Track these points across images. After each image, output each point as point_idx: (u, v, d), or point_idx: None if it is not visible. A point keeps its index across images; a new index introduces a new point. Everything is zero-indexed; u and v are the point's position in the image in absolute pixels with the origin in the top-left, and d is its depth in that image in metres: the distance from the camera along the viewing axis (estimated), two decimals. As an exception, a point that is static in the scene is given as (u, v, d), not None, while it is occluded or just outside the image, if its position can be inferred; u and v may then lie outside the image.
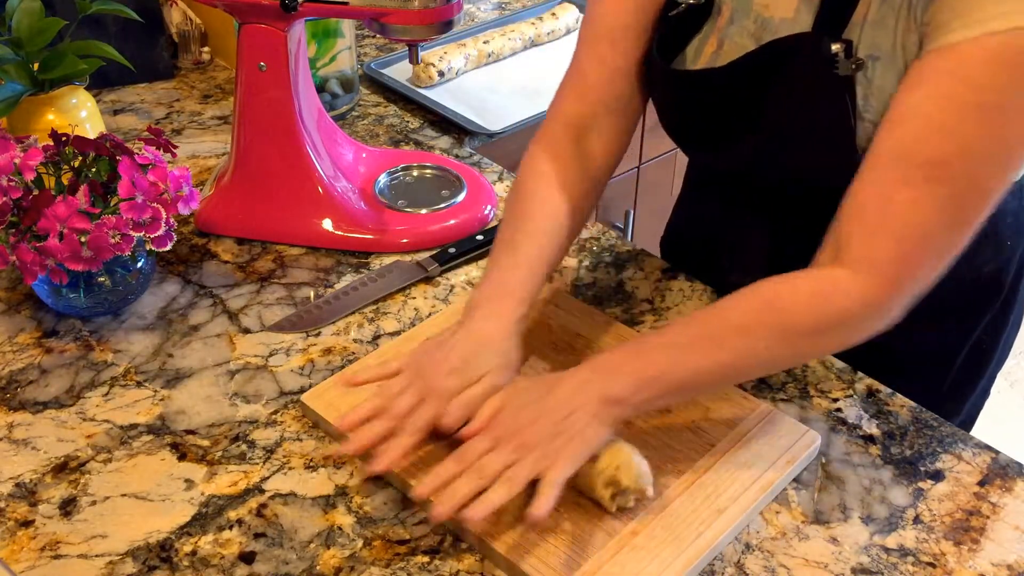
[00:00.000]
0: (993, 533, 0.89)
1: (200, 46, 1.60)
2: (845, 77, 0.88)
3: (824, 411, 1.00)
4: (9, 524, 0.88)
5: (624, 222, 1.88)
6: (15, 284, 1.14)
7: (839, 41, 0.88)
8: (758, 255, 1.10)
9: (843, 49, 0.88)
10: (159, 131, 1.08)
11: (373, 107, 1.51)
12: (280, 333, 1.09)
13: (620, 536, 0.85)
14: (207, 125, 1.46)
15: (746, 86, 0.95)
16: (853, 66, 0.88)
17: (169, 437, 0.96)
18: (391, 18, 1.09)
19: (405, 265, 1.18)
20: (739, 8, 0.96)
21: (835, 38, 0.88)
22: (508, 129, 1.48)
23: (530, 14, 1.78)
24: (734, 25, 0.97)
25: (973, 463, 0.95)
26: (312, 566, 0.85)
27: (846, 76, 0.88)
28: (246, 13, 1.12)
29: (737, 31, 0.97)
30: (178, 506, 0.90)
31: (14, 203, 0.98)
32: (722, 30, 0.98)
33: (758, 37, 0.95)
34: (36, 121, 1.16)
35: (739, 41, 0.96)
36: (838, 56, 0.88)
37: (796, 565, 0.86)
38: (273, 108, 1.16)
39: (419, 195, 1.27)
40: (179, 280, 1.16)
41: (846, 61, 0.88)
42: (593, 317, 1.09)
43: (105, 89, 1.53)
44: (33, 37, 1.12)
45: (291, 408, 1.00)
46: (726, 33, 0.98)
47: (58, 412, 0.99)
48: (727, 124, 0.99)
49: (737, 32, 0.97)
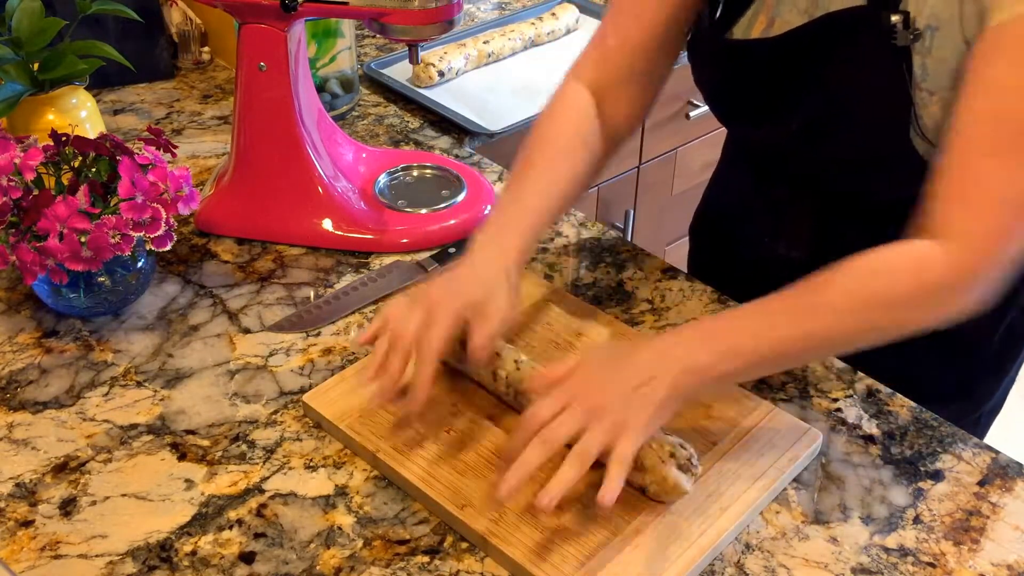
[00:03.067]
0: (993, 533, 0.89)
1: (200, 46, 1.60)
2: (903, 48, 0.89)
3: (824, 411, 1.00)
4: (9, 524, 0.88)
5: (624, 222, 1.88)
6: (15, 284, 1.14)
7: (897, 12, 0.89)
8: (803, 227, 1.10)
9: (902, 20, 0.89)
10: (159, 131, 1.08)
11: (373, 107, 1.51)
12: (280, 333, 1.09)
13: (623, 535, 0.85)
14: (207, 125, 1.46)
15: (800, 58, 0.96)
16: (911, 36, 0.89)
17: (169, 437, 0.96)
18: (391, 18, 1.09)
19: (405, 265, 1.18)
20: None
21: (894, 9, 0.89)
22: (508, 129, 1.48)
23: (530, 14, 1.78)
24: (784, 3, 0.97)
25: (973, 463, 0.95)
26: (312, 566, 0.85)
27: (904, 47, 0.89)
28: (246, 13, 1.12)
29: (787, 8, 0.97)
30: (178, 506, 0.90)
31: (14, 203, 0.98)
32: (772, 8, 0.99)
33: (810, 13, 0.95)
34: (36, 121, 1.16)
35: (789, 18, 0.97)
36: (896, 27, 0.89)
37: (796, 565, 0.86)
38: (273, 108, 1.16)
39: (419, 195, 1.27)
40: (179, 280, 1.16)
41: (904, 32, 0.89)
42: (594, 317, 1.09)
43: (105, 89, 1.53)
44: (33, 37, 1.11)
45: (291, 408, 1.00)
46: (777, 11, 0.98)
47: (58, 412, 0.99)
48: (780, 97, 1.00)
49: (787, 9, 0.97)
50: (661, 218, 2.00)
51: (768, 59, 0.99)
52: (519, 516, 0.87)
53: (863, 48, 0.92)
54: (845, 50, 0.93)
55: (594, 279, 1.17)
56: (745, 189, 1.21)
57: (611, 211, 1.87)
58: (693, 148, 1.95)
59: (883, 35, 0.90)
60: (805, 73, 0.96)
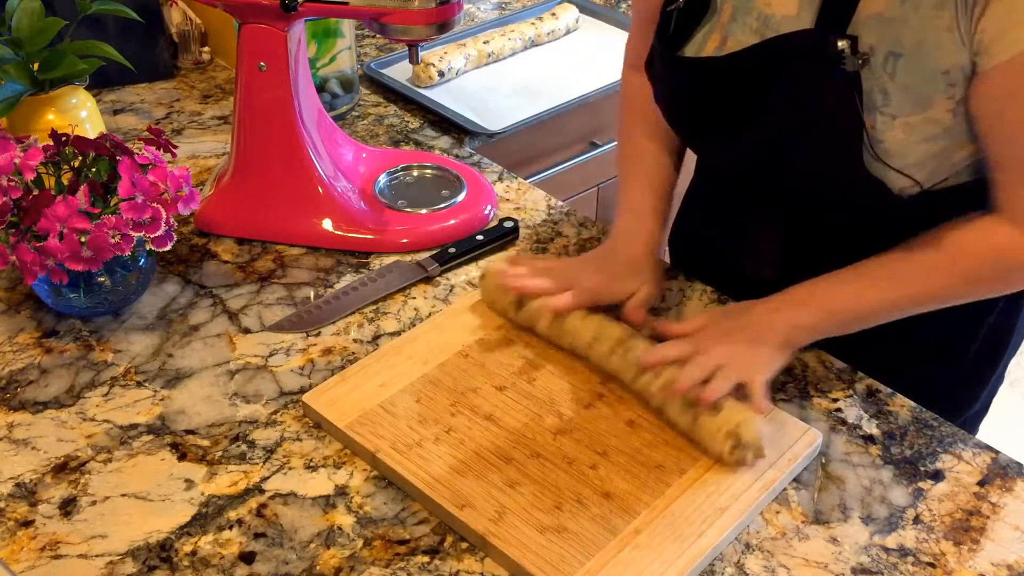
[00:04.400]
0: (993, 533, 0.89)
1: (200, 46, 1.60)
2: (852, 73, 0.89)
3: (824, 411, 1.00)
4: (9, 524, 0.88)
5: (624, 222, 1.88)
6: (15, 284, 1.14)
7: (844, 38, 0.88)
8: (774, 245, 1.11)
9: (849, 45, 0.88)
10: (159, 131, 1.08)
11: (373, 107, 1.51)
12: (280, 333, 1.09)
13: (623, 535, 0.85)
14: (207, 125, 1.46)
15: (749, 79, 0.96)
16: (860, 62, 0.89)
17: (169, 437, 0.96)
18: (391, 18, 1.09)
19: (405, 265, 1.18)
20: (740, 5, 0.97)
21: (840, 35, 0.89)
22: (508, 129, 1.48)
23: (530, 14, 1.78)
24: (736, 22, 0.97)
25: (973, 463, 0.95)
26: (312, 566, 0.85)
27: (853, 72, 0.89)
28: (246, 13, 1.12)
29: (740, 28, 0.97)
30: (178, 506, 0.90)
31: (14, 203, 0.98)
32: (724, 27, 0.98)
33: (761, 33, 0.95)
34: (36, 121, 1.16)
35: (742, 38, 0.97)
36: (844, 52, 0.88)
37: (796, 565, 0.86)
38: (273, 108, 1.16)
39: (419, 195, 1.27)
40: (179, 280, 1.16)
41: (852, 57, 0.88)
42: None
43: (105, 89, 1.53)
44: (33, 37, 1.12)
45: (291, 408, 1.00)
46: (729, 30, 0.98)
47: (58, 412, 0.99)
48: (730, 117, 1.00)
49: (740, 29, 0.97)
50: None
51: (718, 78, 0.99)
52: (519, 516, 0.87)
53: (810, 72, 0.91)
54: (793, 72, 0.92)
55: (594, 279, 1.17)
56: (713, 208, 1.22)
57: (611, 211, 1.87)
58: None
59: (830, 60, 0.89)
60: (755, 94, 0.96)
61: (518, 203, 1.30)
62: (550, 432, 0.95)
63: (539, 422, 0.96)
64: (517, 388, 1.00)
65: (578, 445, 0.94)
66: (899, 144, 0.91)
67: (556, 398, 0.99)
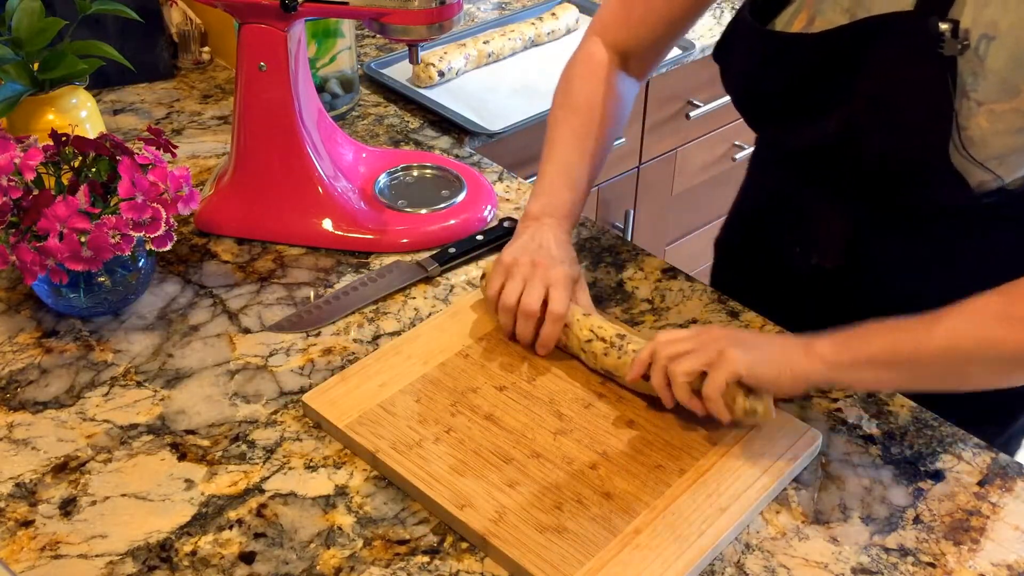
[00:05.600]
0: (993, 533, 0.89)
1: (200, 46, 1.60)
2: (949, 57, 0.87)
3: (824, 411, 1.00)
4: (9, 524, 0.88)
5: (624, 222, 1.88)
6: (15, 284, 1.14)
7: (947, 20, 0.86)
8: (837, 237, 1.08)
9: (951, 29, 0.86)
10: (159, 131, 1.08)
11: (373, 107, 1.51)
12: (280, 333, 1.09)
13: (623, 534, 0.85)
14: (207, 125, 1.46)
15: (839, 58, 0.93)
16: (960, 47, 0.86)
17: (169, 437, 0.96)
18: (391, 18, 1.09)
19: (405, 265, 1.18)
20: None
21: (942, 17, 0.86)
22: (508, 129, 1.48)
23: (530, 14, 1.78)
24: (826, 1, 0.95)
25: (973, 463, 0.95)
26: (312, 566, 0.85)
27: (950, 56, 0.86)
28: (246, 13, 1.12)
29: (830, 6, 0.95)
30: (178, 506, 0.90)
31: (14, 203, 0.98)
32: (812, 6, 0.97)
33: (852, 13, 0.93)
34: (36, 121, 1.16)
35: (831, 17, 0.95)
36: (944, 36, 0.86)
37: (796, 565, 0.86)
38: (273, 108, 1.16)
39: (419, 195, 1.27)
40: (179, 280, 1.16)
41: (952, 41, 0.86)
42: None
43: (105, 89, 1.53)
44: (33, 37, 1.11)
45: (291, 408, 1.00)
46: (818, 8, 0.96)
47: (58, 412, 0.99)
48: (816, 96, 0.98)
49: (830, 8, 0.95)
50: (661, 218, 2.00)
51: (807, 56, 0.96)
52: (519, 516, 0.87)
53: (906, 54, 0.89)
54: (887, 54, 0.90)
55: (594, 279, 1.17)
56: (776, 198, 1.19)
57: (611, 211, 1.87)
58: (693, 148, 1.95)
59: (929, 43, 0.86)
60: (844, 74, 0.94)
61: (518, 203, 1.30)
62: (550, 432, 0.95)
63: (539, 422, 0.96)
64: (517, 388, 1.00)
65: (578, 445, 0.94)
66: (982, 132, 0.89)
67: (556, 398, 0.99)
